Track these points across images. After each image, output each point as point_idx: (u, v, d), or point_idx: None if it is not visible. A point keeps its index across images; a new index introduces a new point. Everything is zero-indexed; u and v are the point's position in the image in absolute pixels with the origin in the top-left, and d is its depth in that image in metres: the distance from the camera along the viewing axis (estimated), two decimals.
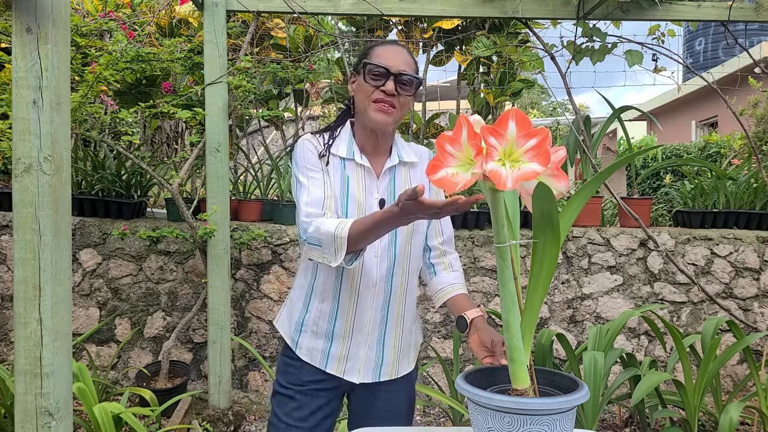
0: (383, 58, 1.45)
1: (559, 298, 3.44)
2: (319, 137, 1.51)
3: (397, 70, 1.44)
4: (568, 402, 0.93)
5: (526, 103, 20.79)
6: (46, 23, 1.37)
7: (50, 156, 1.39)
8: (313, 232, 1.35)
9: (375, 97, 1.43)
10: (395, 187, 1.52)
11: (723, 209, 3.64)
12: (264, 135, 4.84)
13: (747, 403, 2.66)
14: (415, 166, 1.57)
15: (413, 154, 1.57)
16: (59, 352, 1.44)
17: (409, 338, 1.58)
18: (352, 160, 1.48)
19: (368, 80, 1.44)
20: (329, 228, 1.31)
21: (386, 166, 1.51)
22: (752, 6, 3.06)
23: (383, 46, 1.49)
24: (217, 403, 3.03)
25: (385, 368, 1.53)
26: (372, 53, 1.48)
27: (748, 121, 5.47)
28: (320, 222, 1.35)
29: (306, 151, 1.47)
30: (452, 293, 1.55)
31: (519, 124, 0.86)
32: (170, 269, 3.35)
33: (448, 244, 1.63)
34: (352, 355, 1.50)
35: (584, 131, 3.40)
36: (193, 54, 3.30)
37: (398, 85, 1.43)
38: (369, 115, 1.44)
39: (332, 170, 1.47)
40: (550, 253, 0.96)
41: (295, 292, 1.57)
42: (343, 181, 1.47)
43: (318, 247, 1.35)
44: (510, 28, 3.89)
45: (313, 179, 1.44)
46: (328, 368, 1.50)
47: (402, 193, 1.15)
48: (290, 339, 1.54)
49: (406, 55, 1.48)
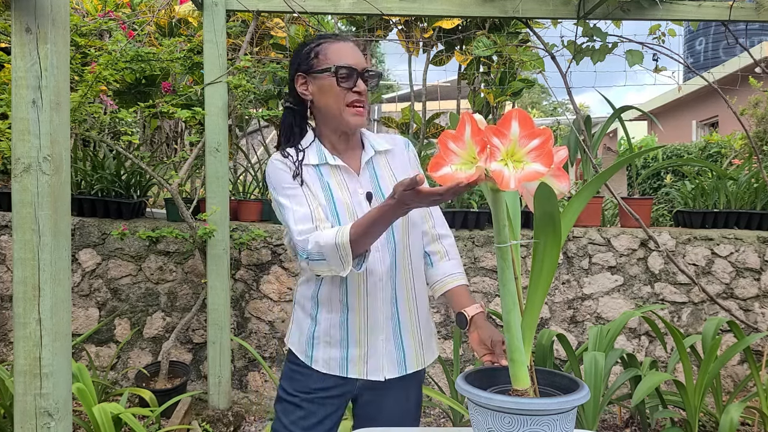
0: (346, 57, 1.41)
1: (559, 299, 3.43)
2: (285, 155, 1.46)
3: (362, 67, 1.41)
4: (568, 402, 0.93)
5: (526, 103, 20.80)
6: (46, 23, 1.36)
7: (49, 156, 1.39)
8: (313, 248, 1.32)
9: (349, 100, 1.40)
10: (377, 177, 1.49)
11: (724, 209, 3.64)
12: (264, 135, 4.84)
13: (748, 404, 2.65)
14: (391, 152, 1.54)
15: (384, 142, 1.54)
16: (59, 352, 1.44)
17: (427, 325, 1.55)
18: (326, 164, 1.45)
19: (341, 84, 1.40)
20: (328, 239, 1.29)
21: (363, 159, 1.49)
22: (753, 6, 3.05)
23: (334, 43, 1.44)
24: (216, 403, 3.03)
25: (409, 360, 1.49)
26: (328, 53, 1.42)
27: (748, 120, 5.47)
28: (317, 236, 1.32)
29: (278, 171, 1.43)
30: (450, 285, 1.50)
31: (522, 125, 0.86)
32: (170, 269, 3.35)
33: (440, 226, 1.58)
34: (371, 353, 1.45)
35: (585, 131, 3.40)
36: (192, 54, 3.29)
37: (367, 82, 1.42)
38: (345, 120, 1.41)
39: (310, 181, 1.43)
40: (551, 254, 0.96)
41: (299, 307, 1.53)
42: (324, 188, 1.43)
43: (323, 261, 1.32)
44: (510, 27, 3.89)
45: (295, 197, 1.40)
46: (349, 373, 1.45)
47: (398, 184, 1.13)
48: (304, 355, 1.48)
49: (358, 48, 1.46)
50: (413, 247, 1.50)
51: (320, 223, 1.37)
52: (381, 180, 1.49)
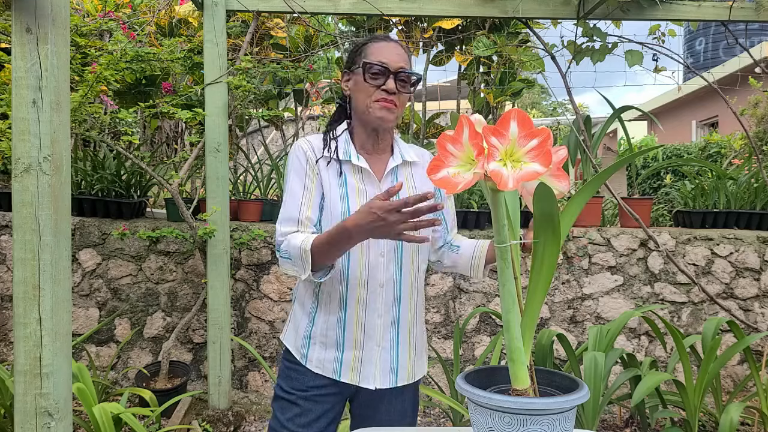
0: (381, 55, 1.42)
1: (559, 299, 3.43)
2: (314, 139, 1.49)
3: (396, 67, 1.42)
4: (568, 402, 0.93)
5: (526, 103, 20.80)
6: (46, 23, 1.36)
7: (50, 156, 1.39)
8: (285, 246, 1.38)
9: (377, 97, 1.42)
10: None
11: (723, 209, 3.64)
12: (264, 135, 4.84)
13: (747, 404, 2.65)
14: (416, 165, 1.55)
15: (414, 153, 1.56)
16: (59, 352, 1.44)
17: (422, 339, 1.56)
18: (349, 162, 1.46)
19: (368, 80, 1.42)
20: (296, 242, 1.34)
21: (390, 165, 1.49)
22: (752, 6, 3.05)
23: (378, 42, 1.46)
24: (216, 403, 3.03)
25: (402, 372, 1.49)
26: (367, 50, 1.45)
27: (748, 120, 5.47)
28: (292, 237, 1.37)
29: (294, 157, 1.46)
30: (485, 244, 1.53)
31: (521, 124, 0.86)
32: (170, 269, 3.35)
33: (452, 229, 1.66)
34: (366, 361, 1.45)
35: (584, 131, 3.40)
36: (192, 54, 3.30)
37: (398, 83, 1.42)
38: (372, 113, 1.42)
39: (327, 179, 1.44)
40: (551, 254, 0.96)
41: (298, 306, 1.53)
42: (341, 184, 1.44)
43: (289, 260, 1.37)
44: (510, 27, 3.89)
45: (292, 192, 1.43)
46: (342, 378, 1.45)
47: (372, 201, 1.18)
48: (299, 353, 1.49)
49: (401, 50, 1.46)
50: (419, 260, 1.51)
51: (304, 228, 1.41)
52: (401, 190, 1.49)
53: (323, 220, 1.43)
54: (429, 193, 1.11)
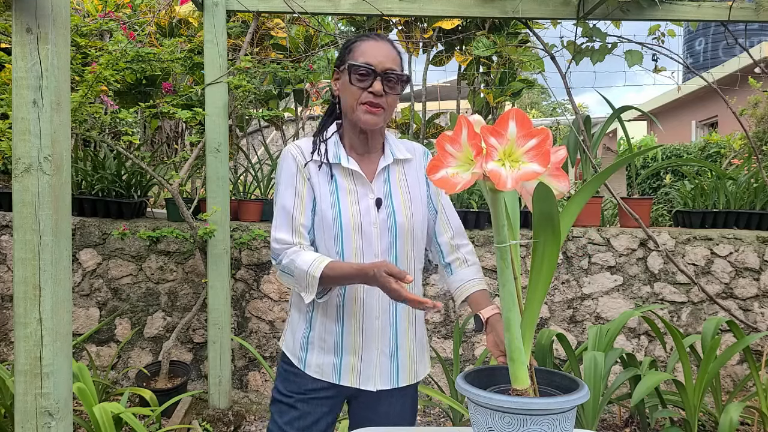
0: (367, 56, 1.37)
1: (559, 298, 3.44)
2: (304, 143, 1.46)
3: (383, 68, 1.37)
4: (568, 402, 0.94)
5: (526, 103, 20.79)
6: (46, 23, 1.37)
7: (50, 156, 1.39)
8: (288, 263, 1.37)
9: (363, 100, 1.37)
10: (390, 185, 1.47)
11: (723, 209, 3.64)
12: (264, 135, 4.85)
13: (747, 403, 2.66)
14: (408, 162, 1.52)
15: (405, 150, 1.52)
16: (59, 352, 1.44)
17: (422, 339, 1.54)
18: (339, 165, 1.43)
19: (354, 82, 1.37)
20: (302, 266, 1.33)
21: (380, 165, 1.46)
22: (752, 6, 3.06)
23: (366, 41, 1.41)
24: (217, 403, 3.03)
25: (402, 373, 1.48)
26: (355, 50, 1.40)
27: (748, 121, 5.48)
28: (296, 255, 1.36)
29: (283, 166, 1.44)
30: (470, 290, 1.49)
31: (519, 124, 0.86)
32: (170, 269, 3.35)
33: (458, 237, 1.56)
34: (365, 363, 1.44)
35: (584, 131, 3.40)
36: (193, 54, 3.30)
37: (385, 84, 1.37)
38: (358, 116, 1.39)
39: (317, 183, 1.42)
40: (550, 253, 0.96)
41: (294, 310, 1.51)
42: (332, 188, 1.42)
43: (290, 276, 1.37)
44: (510, 28, 3.89)
45: (283, 199, 1.42)
46: (342, 381, 1.44)
47: (390, 265, 1.23)
48: (297, 359, 1.47)
49: (390, 50, 1.41)
50: (416, 260, 1.50)
51: (299, 237, 1.40)
52: (393, 189, 1.47)
53: (315, 225, 1.42)
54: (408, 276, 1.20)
